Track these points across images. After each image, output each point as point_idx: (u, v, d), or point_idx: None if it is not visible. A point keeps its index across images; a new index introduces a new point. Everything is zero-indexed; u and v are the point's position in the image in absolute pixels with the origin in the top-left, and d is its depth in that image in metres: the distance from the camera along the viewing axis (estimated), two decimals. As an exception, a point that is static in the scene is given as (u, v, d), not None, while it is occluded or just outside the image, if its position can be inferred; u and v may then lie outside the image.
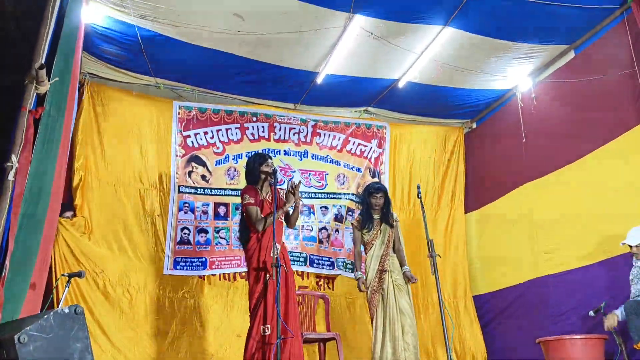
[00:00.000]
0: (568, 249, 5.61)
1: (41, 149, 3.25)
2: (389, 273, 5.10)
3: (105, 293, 5.39)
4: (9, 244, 2.92)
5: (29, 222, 3.24)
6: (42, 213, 3.45)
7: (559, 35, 5.54)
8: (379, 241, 5.22)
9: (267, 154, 4.85)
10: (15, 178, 2.93)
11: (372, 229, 5.26)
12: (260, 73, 5.98)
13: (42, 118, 3.20)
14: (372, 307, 5.11)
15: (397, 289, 5.06)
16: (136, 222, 5.79)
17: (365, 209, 5.34)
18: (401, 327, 4.94)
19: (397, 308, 5.00)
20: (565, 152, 5.70)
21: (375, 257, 5.21)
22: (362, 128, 7.04)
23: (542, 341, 4.91)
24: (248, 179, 4.73)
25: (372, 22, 5.14)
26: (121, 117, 5.99)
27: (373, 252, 5.23)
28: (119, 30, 5.15)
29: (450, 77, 6.14)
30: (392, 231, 5.25)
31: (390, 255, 5.17)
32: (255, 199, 4.54)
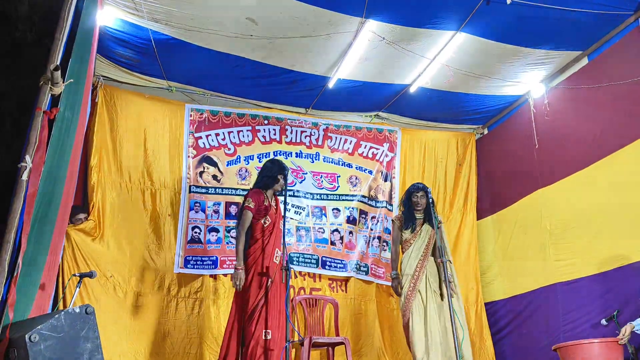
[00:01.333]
0: (580, 256, 5.55)
1: (55, 150, 3.28)
2: (425, 276, 5.01)
3: (115, 293, 5.42)
4: (22, 243, 2.95)
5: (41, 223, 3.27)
6: (53, 214, 3.48)
7: (572, 41, 5.51)
8: (419, 242, 5.13)
9: (287, 167, 4.97)
10: (28, 178, 2.96)
11: (413, 229, 5.20)
12: (272, 77, 5.99)
13: (56, 119, 3.23)
14: (407, 310, 4.96)
15: (434, 293, 4.95)
16: (147, 222, 5.84)
17: (406, 209, 5.29)
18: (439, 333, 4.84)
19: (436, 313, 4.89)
20: (578, 158, 5.65)
21: (412, 258, 5.11)
22: (373, 132, 7.04)
23: (559, 347, 4.73)
24: (261, 181, 4.85)
25: (384, 27, 5.14)
26: (134, 119, 6.05)
27: (410, 252, 5.14)
28: (132, 33, 5.18)
29: (462, 82, 6.12)
30: (434, 233, 5.12)
31: (428, 258, 5.06)
32: (257, 204, 4.68)
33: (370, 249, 6.64)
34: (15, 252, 2.95)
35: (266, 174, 4.88)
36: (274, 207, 4.84)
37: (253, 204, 4.67)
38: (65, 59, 3.57)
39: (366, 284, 6.52)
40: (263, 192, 4.79)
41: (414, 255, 5.12)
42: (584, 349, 4.51)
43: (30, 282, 3.29)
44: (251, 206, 4.66)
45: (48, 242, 3.48)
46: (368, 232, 6.67)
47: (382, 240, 6.73)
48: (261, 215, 4.73)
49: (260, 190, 4.80)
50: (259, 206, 4.70)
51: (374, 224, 6.73)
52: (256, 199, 4.71)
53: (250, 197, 4.71)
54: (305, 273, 6.25)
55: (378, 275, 6.57)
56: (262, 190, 4.80)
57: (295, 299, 5.88)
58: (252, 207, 4.66)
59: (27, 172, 2.94)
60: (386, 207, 6.86)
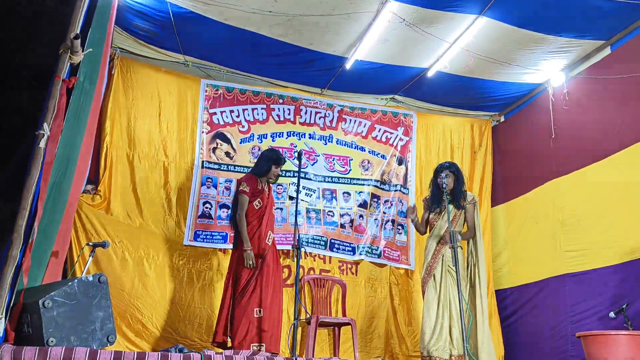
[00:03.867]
0: (591, 248, 5.52)
1: (72, 118, 3.29)
2: (443, 261, 5.00)
3: (124, 263, 5.46)
4: (38, 210, 2.98)
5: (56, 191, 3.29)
6: (68, 182, 3.50)
7: (595, 30, 5.41)
8: (442, 222, 5.11)
9: (284, 158, 5.33)
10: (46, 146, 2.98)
11: (440, 211, 5.17)
12: (290, 56, 5.95)
13: (74, 88, 3.23)
14: (424, 290, 5.06)
15: (450, 276, 4.93)
16: (159, 195, 5.86)
17: (433, 189, 5.28)
18: (449, 317, 4.86)
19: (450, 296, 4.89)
20: (595, 150, 5.58)
21: (434, 237, 5.12)
22: (388, 115, 7.00)
23: (583, 335, 4.60)
24: (257, 168, 5.16)
25: (405, 8, 5.07)
26: (149, 92, 6.05)
27: (433, 232, 5.15)
28: (151, 5, 5.15)
29: (481, 68, 6.04)
30: (460, 212, 5.11)
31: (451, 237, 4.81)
32: (251, 188, 4.99)
33: (384, 232, 6.62)
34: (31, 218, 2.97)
35: (263, 162, 5.15)
36: (267, 191, 5.12)
37: (248, 187, 4.97)
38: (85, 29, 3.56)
39: (378, 267, 6.51)
40: (257, 178, 5.08)
41: (435, 234, 5.13)
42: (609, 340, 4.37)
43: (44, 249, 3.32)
44: (246, 190, 4.96)
45: (62, 210, 3.51)
46: (380, 216, 6.65)
47: (397, 224, 6.71)
48: (254, 198, 4.99)
49: (253, 175, 5.10)
50: (252, 190, 4.98)
51: (387, 208, 6.71)
52: (250, 183, 5.00)
53: (245, 182, 5.01)
54: (315, 254, 6.27)
55: (392, 258, 6.55)
56: (257, 176, 5.09)
57: (303, 278, 5.91)
58: (247, 190, 4.96)
59: (44, 140, 2.96)
60: (400, 190, 6.83)
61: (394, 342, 6.25)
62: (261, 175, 5.11)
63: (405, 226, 6.73)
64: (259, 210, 5.00)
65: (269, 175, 5.12)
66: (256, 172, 5.14)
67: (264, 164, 5.13)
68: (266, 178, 5.13)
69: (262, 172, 5.11)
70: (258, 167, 5.17)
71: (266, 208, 5.05)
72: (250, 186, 4.98)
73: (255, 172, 5.14)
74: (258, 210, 4.99)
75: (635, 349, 4.27)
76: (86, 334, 2.88)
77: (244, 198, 4.93)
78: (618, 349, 4.30)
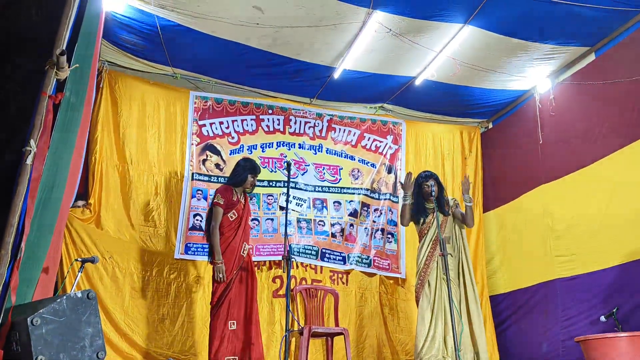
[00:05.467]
0: (581, 252, 5.57)
1: (59, 134, 3.27)
2: (438, 263, 4.98)
3: (114, 278, 5.43)
4: (25, 227, 2.96)
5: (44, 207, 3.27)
6: (57, 198, 3.48)
7: (580, 36, 5.48)
8: (432, 230, 5.09)
9: (259, 167, 5.28)
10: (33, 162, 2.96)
11: (426, 219, 5.16)
12: (278, 66, 5.97)
13: (61, 104, 3.22)
14: (418, 298, 5.03)
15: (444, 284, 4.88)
16: (148, 208, 5.84)
17: (415, 200, 5.21)
18: (443, 325, 4.85)
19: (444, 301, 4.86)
20: (583, 154, 5.65)
21: (425, 246, 5.11)
22: (377, 124, 7.03)
23: (582, 340, 4.55)
24: (233, 178, 5.13)
25: (391, 18, 5.12)
26: (138, 105, 6.04)
27: (424, 241, 5.13)
28: (138, 19, 5.16)
29: (468, 76, 6.10)
30: (447, 219, 5.12)
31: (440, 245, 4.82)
32: (226, 200, 4.94)
33: (374, 241, 6.63)
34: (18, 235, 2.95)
35: (239, 172, 5.11)
36: (242, 202, 5.09)
37: (222, 200, 4.94)
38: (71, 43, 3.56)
39: (368, 276, 6.51)
40: (232, 189, 5.06)
41: (425, 247, 5.12)
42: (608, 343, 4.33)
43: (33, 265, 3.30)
44: (220, 202, 4.93)
45: (52, 226, 3.49)
46: (370, 225, 6.66)
47: (387, 232, 6.71)
48: (229, 210, 4.96)
49: (229, 186, 5.09)
50: (227, 202, 4.94)
51: (377, 216, 6.73)
52: (225, 195, 4.97)
53: (219, 194, 4.98)
54: (307, 264, 6.26)
55: (382, 267, 6.56)
56: (232, 187, 5.07)
57: (295, 288, 5.90)
58: (222, 203, 4.93)
59: (31, 157, 2.93)
60: (390, 199, 6.85)
61: (386, 351, 6.25)
62: (237, 186, 5.07)
63: (395, 235, 6.74)
64: (233, 222, 4.96)
65: (245, 185, 5.08)
66: (232, 182, 5.10)
67: (239, 174, 5.08)
68: (242, 188, 5.10)
69: (238, 182, 5.07)
70: (234, 177, 5.12)
71: (241, 220, 5.00)
72: (225, 198, 4.94)
73: (231, 183, 5.10)
74: (233, 222, 4.95)
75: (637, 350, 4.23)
76: (76, 350, 2.85)
77: (217, 210, 4.89)
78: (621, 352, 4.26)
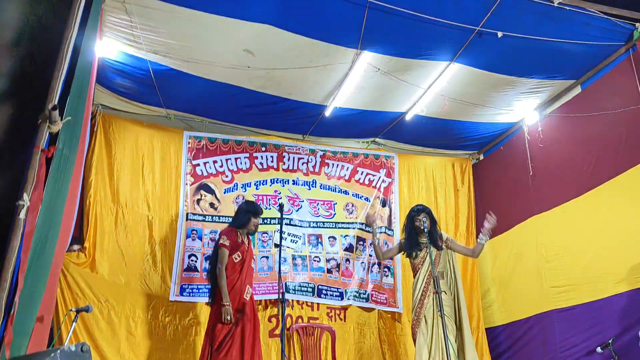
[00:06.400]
0: (576, 283, 5.58)
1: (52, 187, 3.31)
2: (433, 299, 4.95)
3: (110, 322, 5.41)
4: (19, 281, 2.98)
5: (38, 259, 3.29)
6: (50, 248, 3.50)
7: (565, 70, 5.59)
8: (426, 265, 5.07)
9: (261, 209, 5.34)
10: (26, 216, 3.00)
11: (419, 254, 5.16)
12: (270, 106, 6.06)
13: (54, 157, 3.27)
14: (414, 334, 5.00)
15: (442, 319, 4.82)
16: (143, 250, 5.85)
17: (408, 234, 5.24)
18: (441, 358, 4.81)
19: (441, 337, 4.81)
20: (573, 185, 5.71)
21: (420, 282, 5.09)
22: (370, 158, 7.10)
23: None
24: (236, 220, 5.18)
25: (379, 58, 5.22)
26: (132, 147, 6.10)
27: (418, 277, 5.12)
28: (131, 64, 5.25)
29: (457, 110, 6.19)
30: (440, 253, 5.12)
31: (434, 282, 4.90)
32: (231, 242, 4.98)
33: (370, 275, 6.62)
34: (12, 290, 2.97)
35: (241, 215, 5.17)
36: (246, 244, 5.13)
37: (228, 241, 4.97)
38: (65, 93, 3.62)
39: (366, 311, 6.49)
40: (236, 231, 5.09)
41: (419, 283, 5.10)
42: None
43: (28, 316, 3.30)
44: (226, 244, 4.96)
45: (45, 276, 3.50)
46: (367, 259, 6.67)
47: (383, 266, 6.72)
48: (234, 252, 4.98)
49: (233, 228, 5.11)
50: (232, 243, 4.97)
51: (373, 250, 6.73)
52: (230, 236, 5.00)
53: (225, 235, 5.02)
54: (302, 302, 6.23)
55: (380, 301, 6.54)
56: (236, 229, 5.10)
57: (291, 327, 5.88)
58: (227, 244, 4.96)
59: (24, 211, 2.98)
60: (385, 232, 6.87)
61: (387, 388, 6.21)
62: (241, 228, 5.12)
63: (392, 268, 6.75)
64: (238, 264, 4.98)
65: (248, 227, 5.13)
66: (236, 224, 5.15)
67: (242, 216, 5.14)
68: (246, 230, 5.15)
69: (241, 224, 5.12)
70: (237, 219, 5.18)
71: (245, 262, 5.04)
72: (230, 239, 4.98)
73: (235, 225, 5.14)
74: (237, 263, 4.98)
75: None
76: (70, 404, 2.85)
77: (223, 252, 4.92)
78: None
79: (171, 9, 4.49)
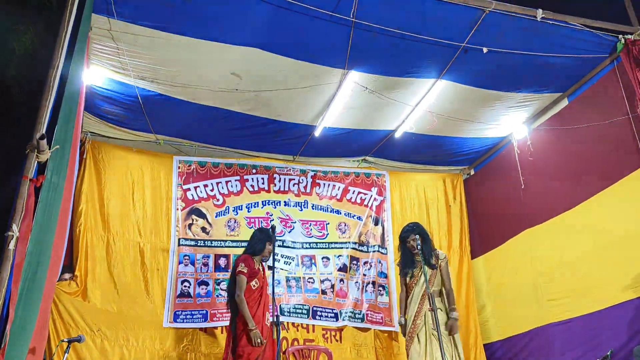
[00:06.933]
0: (572, 295, 5.56)
1: (42, 216, 3.27)
2: (429, 317, 4.84)
3: (103, 351, 5.32)
4: (10, 313, 2.93)
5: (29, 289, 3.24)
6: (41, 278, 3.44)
7: (551, 84, 5.64)
8: (420, 284, 5.00)
9: (274, 236, 5.22)
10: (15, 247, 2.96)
11: (412, 275, 5.10)
12: (259, 127, 6.06)
13: (42, 186, 3.24)
14: (408, 354, 4.92)
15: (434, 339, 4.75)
16: (135, 277, 5.79)
17: (402, 254, 5.20)
18: None
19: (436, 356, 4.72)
20: (564, 197, 5.72)
21: (413, 301, 5.02)
22: (361, 177, 7.09)
23: None
24: (251, 248, 5.09)
25: (366, 77, 5.25)
26: (122, 173, 6.08)
27: (412, 296, 5.05)
28: (119, 90, 5.25)
29: (446, 126, 6.22)
30: (435, 272, 5.02)
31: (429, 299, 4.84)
32: (249, 269, 4.89)
33: (365, 294, 6.57)
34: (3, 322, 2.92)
35: (256, 242, 5.10)
36: (262, 271, 5.07)
37: (246, 268, 4.87)
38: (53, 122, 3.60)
39: (362, 331, 6.42)
40: (252, 258, 5.01)
41: (413, 301, 5.04)
42: None
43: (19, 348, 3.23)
44: (244, 271, 4.86)
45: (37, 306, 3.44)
46: (361, 278, 6.62)
47: (378, 285, 6.67)
48: (252, 279, 4.90)
49: (249, 255, 5.02)
50: (250, 271, 4.89)
51: (367, 269, 6.70)
52: (247, 263, 4.92)
53: (242, 262, 4.93)
54: (298, 324, 6.16)
55: (375, 321, 6.47)
56: (252, 256, 5.02)
57: (287, 350, 5.81)
58: (246, 272, 4.86)
59: (14, 242, 2.94)
60: (379, 251, 6.84)
61: (386, 408, 6.13)
62: (256, 255, 5.06)
63: (387, 287, 6.70)
64: (256, 291, 4.91)
65: (263, 254, 5.08)
66: (251, 252, 5.06)
67: (257, 243, 5.07)
68: (261, 257, 5.09)
69: (257, 250, 5.05)
70: (252, 247, 5.08)
71: (262, 288, 4.97)
72: (248, 267, 4.89)
73: (251, 252, 5.06)
74: (255, 290, 4.91)
75: None
76: None
77: (242, 279, 4.82)
78: None
79: (157, 35, 4.50)
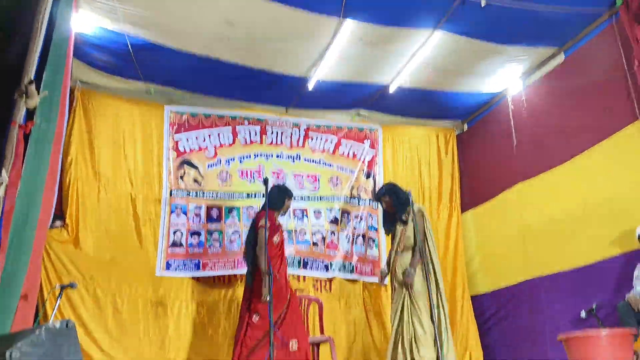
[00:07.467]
0: (560, 250, 5.63)
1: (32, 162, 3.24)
2: (395, 276, 5.00)
3: (96, 298, 5.38)
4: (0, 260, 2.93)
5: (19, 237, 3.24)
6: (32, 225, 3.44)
7: (548, 38, 5.57)
8: (396, 240, 5.10)
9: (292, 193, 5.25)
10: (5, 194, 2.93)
11: (393, 230, 5.19)
12: (252, 78, 5.97)
13: (32, 132, 3.19)
14: None
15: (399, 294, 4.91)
16: (127, 226, 5.80)
17: (383, 215, 5.35)
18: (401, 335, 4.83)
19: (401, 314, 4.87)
20: (556, 152, 5.73)
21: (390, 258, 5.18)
22: (354, 130, 7.06)
23: (565, 338, 4.27)
24: (272, 203, 4.98)
25: (362, 26, 5.14)
26: (112, 123, 6.00)
27: (390, 251, 5.22)
28: (108, 37, 5.12)
29: (441, 80, 6.16)
30: (404, 228, 5.06)
31: (399, 256, 5.00)
32: (271, 224, 4.84)
33: (355, 247, 6.65)
34: (-7, 269, 2.92)
35: (276, 197, 5.04)
36: (281, 227, 5.09)
37: (269, 223, 4.77)
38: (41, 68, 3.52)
39: (351, 283, 6.53)
40: (273, 213, 5.00)
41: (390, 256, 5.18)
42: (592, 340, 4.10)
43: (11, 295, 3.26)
44: (267, 225, 4.76)
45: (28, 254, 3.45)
46: (351, 231, 6.68)
47: (368, 238, 6.75)
48: (274, 234, 4.91)
49: (271, 210, 4.95)
50: (272, 225, 4.88)
51: (358, 223, 6.75)
52: (270, 218, 4.84)
53: (264, 217, 4.79)
54: (289, 274, 6.22)
55: (365, 272, 6.58)
56: (272, 211, 4.98)
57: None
58: (268, 226, 4.77)
59: (3, 188, 2.91)
60: (370, 205, 6.88)
61: (374, 356, 6.27)
62: (276, 209, 5.05)
63: (376, 240, 6.78)
64: (278, 246, 4.93)
65: (283, 209, 5.10)
66: (272, 206, 4.99)
67: (276, 198, 5.03)
68: (280, 212, 5.10)
69: (277, 206, 5.03)
70: (272, 202, 4.99)
71: (282, 244, 5.01)
72: (270, 221, 4.84)
73: (271, 207, 4.98)
74: (277, 245, 4.92)
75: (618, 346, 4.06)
76: (57, 382, 2.83)
77: (263, 233, 4.71)
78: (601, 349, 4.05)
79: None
